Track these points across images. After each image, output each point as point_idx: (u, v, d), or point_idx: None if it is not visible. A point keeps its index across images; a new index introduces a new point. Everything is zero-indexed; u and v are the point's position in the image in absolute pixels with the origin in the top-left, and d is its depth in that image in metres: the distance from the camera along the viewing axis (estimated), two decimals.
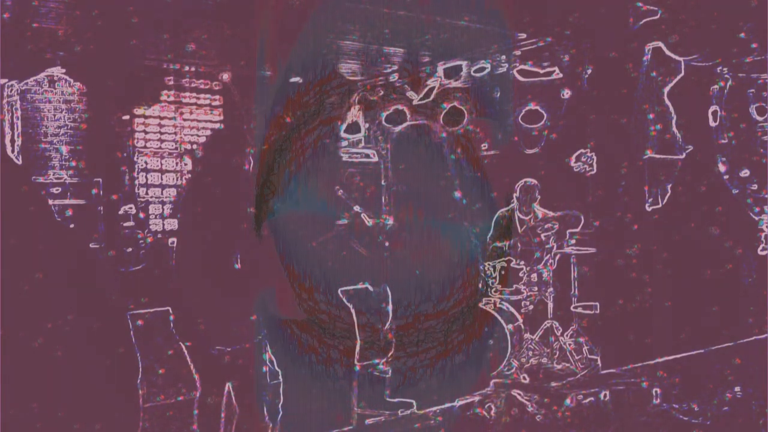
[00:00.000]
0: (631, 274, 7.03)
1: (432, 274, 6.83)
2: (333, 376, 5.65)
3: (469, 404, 5.80)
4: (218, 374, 5.00)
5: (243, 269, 5.43)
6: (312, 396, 5.52)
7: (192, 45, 5.86)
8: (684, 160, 7.09)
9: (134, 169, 6.00)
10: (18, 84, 5.37)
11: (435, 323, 6.53)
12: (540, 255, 6.56)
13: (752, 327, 7.41)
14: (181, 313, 5.00)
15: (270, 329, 5.30)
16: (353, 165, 6.94)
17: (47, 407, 4.27)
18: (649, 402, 5.94)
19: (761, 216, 7.69)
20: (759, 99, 7.71)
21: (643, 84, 6.82)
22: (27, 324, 4.28)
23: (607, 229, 6.93)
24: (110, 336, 4.67)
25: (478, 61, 6.80)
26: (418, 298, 6.66)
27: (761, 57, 7.01)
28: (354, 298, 5.71)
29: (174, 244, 5.98)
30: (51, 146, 5.55)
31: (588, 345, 6.34)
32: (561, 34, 6.50)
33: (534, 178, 6.78)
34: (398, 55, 6.66)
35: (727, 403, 5.85)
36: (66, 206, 5.49)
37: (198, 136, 6.25)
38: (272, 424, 5.16)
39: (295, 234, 6.03)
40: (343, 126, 6.76)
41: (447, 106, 7.06)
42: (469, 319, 6.56)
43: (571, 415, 5.69)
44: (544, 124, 7.04)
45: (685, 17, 6.33)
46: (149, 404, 4.69)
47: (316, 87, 6.34)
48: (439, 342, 6.37)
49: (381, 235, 6.75)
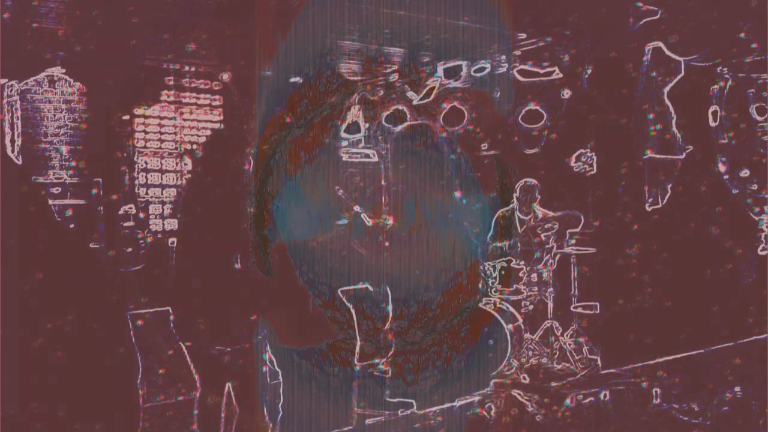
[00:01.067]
0: (631, 274, 7.03)
1: (432, 274, 6.83)
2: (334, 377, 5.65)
3: (469, 404, 5.80)
4: (218, 374, 5.00)
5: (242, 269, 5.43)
6: (312, 396, 5.52)
7: (192, 45, 5.86)
8: (684, 160, 7.08)
9: (134, 169, 6.00)
10: (18, 84, 5.37)
11: (435, 323, 6.53)
12: (540, 255, 6.56)
13: (752, 327, 7.41)
14: (181, 313, 4.99)
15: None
16: (353, 165, 6.94)
17: (47, 407, 4.27)
18: (649, 402, 5.94)
19: (761, 216, 7.69)
20: (759, 99, 7.71)
21: (643, 84, 6.82)
22: (27, 324, 4.28)
23: (607, 229, 6.93)
24: (110, 336, 4.67)
25: (478, 61, 6.80)
26: (417, 298, 6.66)
27: (761, 57, 7.01)
28: (354, 298, 5.71)
29: (174, 244, 5.98)
30: (51, 146, 5.55)
31: (588, 345, 6.34)
32: (561, 34, 6.50)
33: (534, 178, 6.79)
34: (398, 55, 6.66)
35: (727, 403, 5.84)
36: (66, 206, 5.49)
37: (198, 136, 6.25)
38: (272, 424, 5.16)
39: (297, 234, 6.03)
40: (343, 126, 6.76)
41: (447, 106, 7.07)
42: (469, 318, 6.56)
43: (571, 415, 5.69)
44: (544, 124, 7.04)
45: (685, 17, 6.33)
46: (149, 404, 4.69)
47: (316, 87, 6.34)
48: (439, 342, 6.37)
49: (381, 235, 6.75)
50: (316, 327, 5.56)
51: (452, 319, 6.63)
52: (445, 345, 6.36)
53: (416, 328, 6.45)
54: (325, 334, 5.58)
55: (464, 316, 6.61)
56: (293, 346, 5.47)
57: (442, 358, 6.27)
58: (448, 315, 6.71)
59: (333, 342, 5.69)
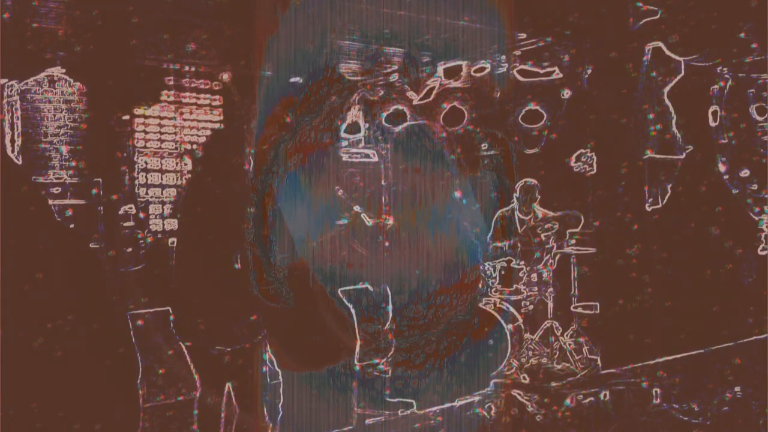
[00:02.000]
0: (631, 274, 7.03)
1: (433, 274, 6.83)
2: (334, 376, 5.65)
3: (469, 404, 5.80)
4: (218, 374, 4.99)
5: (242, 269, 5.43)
6: (312, 396, 5.52)
7: (192, 45, 5.87)
8: (684, 160, 7.08)
9: (134, 169, 6.00)
10: (18, 84, 5.37)
11: (434, 323, 6.52)
12: (540, 255, 6.56)
13: (752, 327, 7.41)
14: (181, 313, 4.99)
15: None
16: (353, 165, 6.94)
17: (47, 407, 4.27)
18: (649, 402, 5.94)
19: (761, 216, 7.69)
20: (759, 99, 7.71)
21: (643, 84, 6.82)
22: (27, 324, 4.28)
23: (607, 229, 6.93)
24: (110, 336, 4.67)
25: (478, 61, 6.80)
26: (417, 298, 6.66)
27: (761, 57, 7.01)
28: (354, 298, 5.71)
29: (174, 244, 5.98)
30: (51, 146, 5.55)
31: (588, 345, 6.34)
32: (561, 34, 6.51)
33: (534, 178, 6.78)
34: (398, 55, 6.66)
35: (727, 403, 5.84)
36: (66, 206, 5.49)
37: (198, 136, 6.25)
38: (272, 424, 5.16)
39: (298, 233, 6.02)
40: (343, 126, 6.76)
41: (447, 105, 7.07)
42: (469, 318, 6.56)
43: (571, 415, 5.69)
44: (544, 124, 7.04)
45: (685, 17, 6.33)
46: (149, 404, 4.69)
47: (316, 87, 6.34)
48: (439, 341, 6.37)
49: (381, 236, 6.75)
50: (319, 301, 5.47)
51: (452, 320, 6.63)
52: (444, 345, 6.36)
53: (417, 303, 6.42)
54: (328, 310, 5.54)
55: (464, 316, 6.61)
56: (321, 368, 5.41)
57: (441, 358, 6.27)
58: (448, 315, 6.71)
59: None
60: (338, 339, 5.03)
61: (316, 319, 5.07)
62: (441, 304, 6.45)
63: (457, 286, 6.81)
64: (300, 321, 5.03)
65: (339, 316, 5.18)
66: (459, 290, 6.78)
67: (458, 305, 6.69)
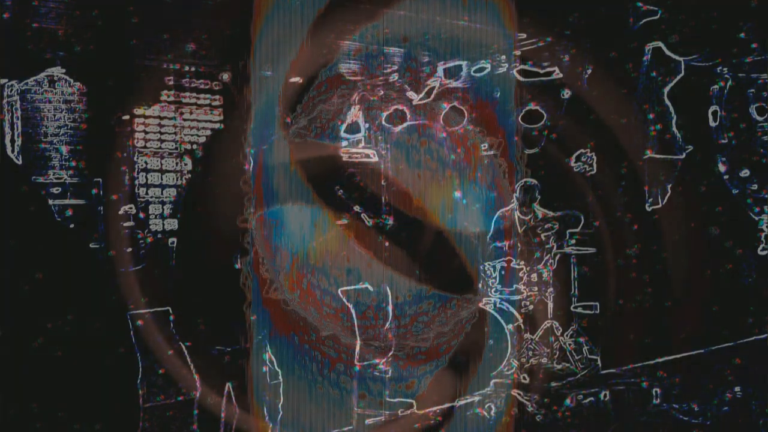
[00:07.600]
0: (631, 274, 7.03)
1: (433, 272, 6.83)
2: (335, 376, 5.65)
3: (469, 404, 5.80)
4: (218, 374, 5.00)
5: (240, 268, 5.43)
6: (312, 396, 5.52)
7: (192, 45, 5.86)
8: (684, 160, 7.08)
9: (134, 169, 5.99)
10: (18, 84, 5.37)
11: (435, 323, 6.52)
12: (540, 255, 6.56)
13: (752, 327, 7.41)
14: (181, 313, 5.00)
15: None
16: (353, 165, 6.93)
17: (47, 407, 4.27)
18: (649, 402, 5.94)
19: (761, 216, 7.69)
20: (759, 99, 7.71)
21: (643, 84, 6.82)
22: (27, 324, 4.28)
23: (607, 229, 6.93)
24: (110, 336, 4.67)
25: (478, 61, 6.80)
26: (417, 298, 6.66)
27: (761, 57, 7.01)
28: (354, 298, 5.71)
29: (174, 244, 5.98)
30: (51, 146, 5.54)
31: (588, 345, 6.34)
32: (561, 34, 6.50)
33: (534, 178, 6.78)
34: (398, 55, 6.65)
35: (727, 403, 5.84)
36: (66, 206, 5.48)
37: (198, 136, 6.24)
38: (272, 424, 5.16)
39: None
40: (343, 126, 6.75)
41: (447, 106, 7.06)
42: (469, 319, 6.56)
43: (571, 415, 5.69)
44: (544, 124, 7.03)
45: (685, 17, 6.33)
46: (149, 404, 4.69)
47: (316, 87, 6.34)
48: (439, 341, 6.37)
49: (381, 236, 6.75)
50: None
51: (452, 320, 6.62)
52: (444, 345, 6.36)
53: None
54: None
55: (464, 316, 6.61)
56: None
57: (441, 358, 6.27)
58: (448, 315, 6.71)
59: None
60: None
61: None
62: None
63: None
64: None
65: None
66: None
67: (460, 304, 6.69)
